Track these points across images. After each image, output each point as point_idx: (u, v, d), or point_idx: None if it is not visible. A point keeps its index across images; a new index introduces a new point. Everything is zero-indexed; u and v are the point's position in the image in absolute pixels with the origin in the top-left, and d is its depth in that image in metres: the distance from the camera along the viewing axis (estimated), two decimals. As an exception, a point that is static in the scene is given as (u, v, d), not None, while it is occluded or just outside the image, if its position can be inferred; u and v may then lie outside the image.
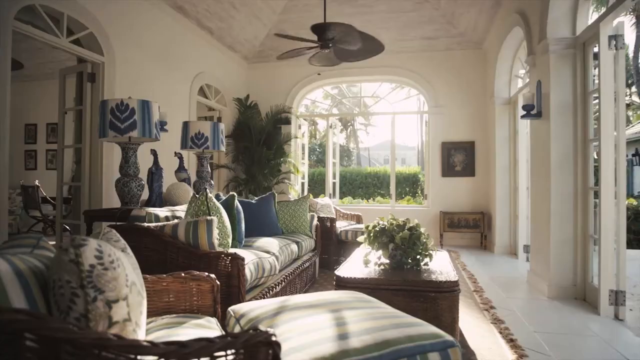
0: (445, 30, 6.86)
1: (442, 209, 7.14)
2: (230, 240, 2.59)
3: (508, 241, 6.31)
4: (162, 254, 2.35)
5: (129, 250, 1.37)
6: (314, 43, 4.87)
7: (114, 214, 2.94)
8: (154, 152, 3.44)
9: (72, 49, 4.17)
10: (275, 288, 2.85)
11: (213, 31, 6.66)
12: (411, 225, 3.10)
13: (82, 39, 4.41)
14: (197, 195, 2.53)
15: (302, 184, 8.63)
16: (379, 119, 33.43)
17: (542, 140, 4.10)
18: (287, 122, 7.87)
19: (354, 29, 4.47)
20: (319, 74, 6.34)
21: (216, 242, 2.36)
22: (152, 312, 1.65)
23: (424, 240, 3.01)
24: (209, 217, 2.35)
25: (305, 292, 3.92)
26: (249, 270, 2.41)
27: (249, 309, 1.69)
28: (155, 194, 3.29)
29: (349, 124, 35.38)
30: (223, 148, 4.11)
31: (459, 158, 7.26)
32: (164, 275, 1.69)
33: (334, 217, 5.15)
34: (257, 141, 7.36)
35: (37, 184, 7.17)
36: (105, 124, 2.90)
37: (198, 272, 1.73)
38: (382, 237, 3.02)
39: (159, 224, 2.41)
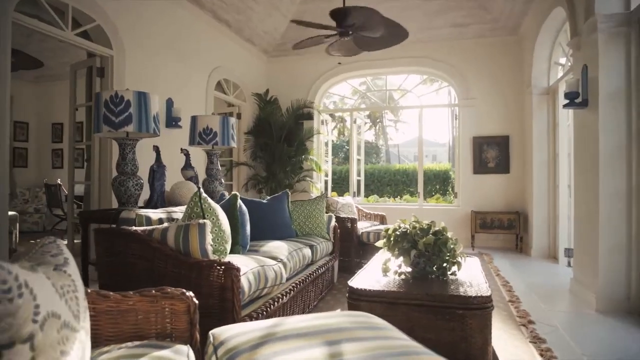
0: (476, 16, 6.36)
1: (474, 208, 6.66)
2: (228, 246, 2.31)
3: (547, 244, 5.79)
4: (149, 262, 2.09)
5: (69, 267, 1.09)
6: (333, 30, 4.55)
7: (110, 215, 2.72)
8: (156, 149, 3.21)
9: (78, 43, 4.02)
10: (282, 299, 2.56)
11: (230, 24, 6.44)
12: (437, 228, 2.74)
13: (91, 32, 4.26)
14: (202, 195, 2.26)
15: (326, 181, 8.33)
16: (408, 115, 32.66)
17: (589, 133, 3.62)
18: (309, 117, 7.58)
19: (377, 13, 4.11)
20: (339, 63, 6.01)
21: (210, 248, 2.08)
22: (117, 337, 1.38)
23: (452, 246, 2.64)
24: (201, 221, 2.08)
25: (322, 299, 3.62)
26: (247, 281, 2.12)
27: (232, 334, 1.39)
28: (157, 194, 3.06)
29: (377, 120, 34.82)
30: (234, 144, 3.86)
31: (491, 154, 6.75)
32: (131, 293, 1.41)
33: (355, 217, 4.81)
34: (278, 137, 7.10)
35: (59, 182, 7.18)
36: (99, 118, 2.69)
37: (172, 289, 1.45)
38: (403, 242, 2.67)
39: (148, 227, 2.16)
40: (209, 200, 2.26)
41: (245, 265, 2.24)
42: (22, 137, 9.39)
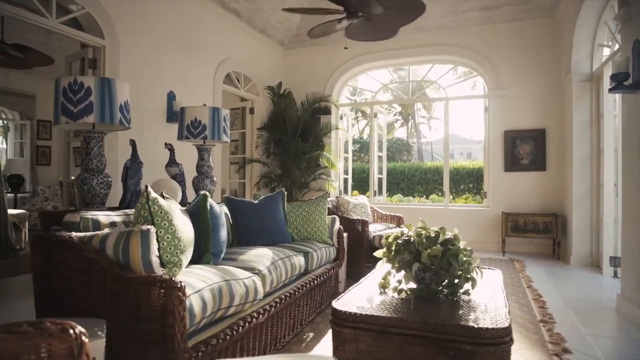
0: (508, -4, 5.74)
1: (505, 210, 6.03)
2: (184, 257, 1.93)
3: (588, 250, 5.11)
4: (87, 276, 1.75)
5: None
6: (340, 14, 4.11)
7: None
8: (132, 143, 2.89)
9: (66, 32, 3.77)
10: (258, 318, 2.16)
11: (240, 13, 6.10)
12: (447, 236, 2.26)
13: (83, 21, 4.02)
14: (150, 195, 1.89)
15: (345, 180, 7.88)
16: (442, 111, 31.71)
17: (641, 121, 3.01)
18: (327, 112, 7.16)
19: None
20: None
21: (155, 260, 1.71)
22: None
23: (465, 259, 2.16)
24: (144, 227, 1.71)
25: (320, 312, 3.19)
26: (199, 302, 1.73)
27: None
28: (131, 193, 2.74)
29: (409, 117, 33.95)
30: (226, 138, 3.49)
31: (525, 149, 6.10)
32: (-7, 329, 1.04)
33: (367, 219, 4.35)
34: (293, 133, 6.72)
35: (73, 179, 7.11)
36: (57, 107, 2.38)
37: (50, 323, 1.07)
38: (404, 253, 2.21)
39: (89, 233, 1.81)
40: (161, 201, 1.89)
41: (203, 280, 1.86)
42: (45, 136, 9.48)
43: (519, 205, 6.05)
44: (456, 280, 2.16)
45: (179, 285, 1.58)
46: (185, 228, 2.00)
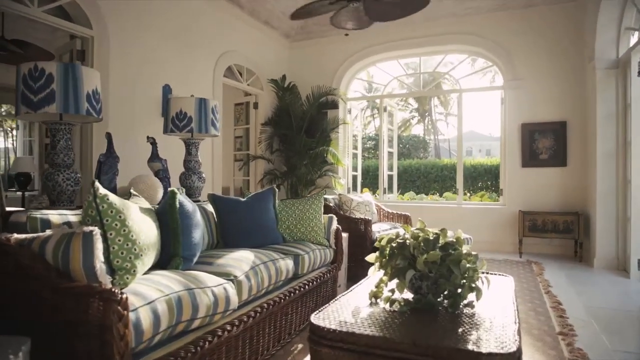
0: (525, -21, 5.36)
1: (522, 208, 5.65)
2: (140, 263, 1.68)
3: (614, 252, 4.71)
4: (24, 284, 1.52)
5: None
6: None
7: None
8: (108, 136, 2.68)
9: (50, 21, 3.59)
10: (230, 331, 1.91)
11: (242, 4, 5.86)
12: (448, 239, 1.97)
13: (70, 10, 3.83)
14: (98, 192, 1.66)
15: (355, 177, 7.59)
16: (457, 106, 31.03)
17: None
18: (334, 106, 6.88)
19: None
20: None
21: (100, 267, 1.47)
22: None
23: (468, 265, 1.86)
24: (87, 229, 1.47)
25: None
26: (150, 315, 1.49)
27: None
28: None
29: (426, 114, 33.36)
30: (215, 132, 3.26)
31: (544, 143, 5.70)
32: None
33: (370, 218, 4.07)
34: (298, 128, 6.47)
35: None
36: (18, 96, 2.18)
37: None
38: (398, 258, 1.92)
39: (31, 235, 1.59)
40: (112, 198, 1.66)
41: (160, 289, 1.61)
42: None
43: (538, 204, 5.66)
44: (459, 290, 1.87)
45: (118, 297, 1.34)
46: (143, 229, 1.76)
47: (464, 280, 1.88)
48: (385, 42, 6.62)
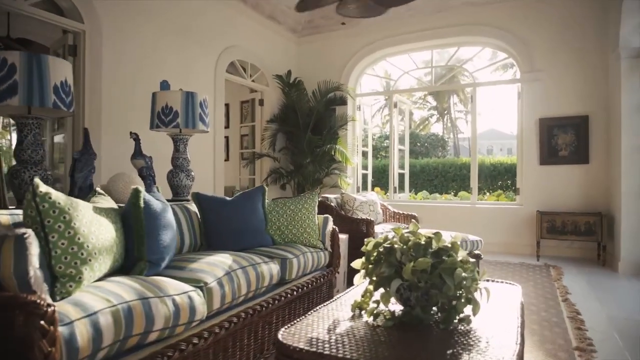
0: (543, -37, 5.02)
1: (540, 208, 5.32)
2: (87, 269, 1.50)
3: (641, 256, 4.35)
4: (-46, 293, 1.36)
5: None
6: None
7: None
8: (85, 132, 2.54)
9: (37, 14, 3.48)
10: (196, 344, 1.71)
11: (245, -2, 5.71)
12: (444, 244, 1.73)
13: (61, 3, 3.73)
14: (38, 190, 1.49)
15: (364, 176, 7.35)
16: (481, 105, 30.62)
17: None
18: (343, 102, 6.65)
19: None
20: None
21: (34, 274, 1.30)
22: None
23: (464, 274, 1.62)
24: (19, 231, 1.30)
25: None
26: (88, 330, 1.31)
27: None
28: (79, 188, 2.38)
29: (445, 112, 32.78)
30: (204, 127, 3.08)
31: (565, 139, 5.35)
32: None
33: (372, 219, 3.83)
34: (305, 125, 6.27)
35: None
36: (-21, 89, 2.04)
37: None
38: (383, 266, 1.70)
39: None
40: (55, 197, 1.48)
41: (108, 299, 1.43)
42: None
43: (557, 203, 5.32)
44: (453, 302, 1.63)
45: (42, 310, 1.16)
46: (94, 231, 1.58)
47: (462, 291, 1.65)
48: (396, 35, 6.36)
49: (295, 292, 2.52)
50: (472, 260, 1.73)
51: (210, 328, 1.84)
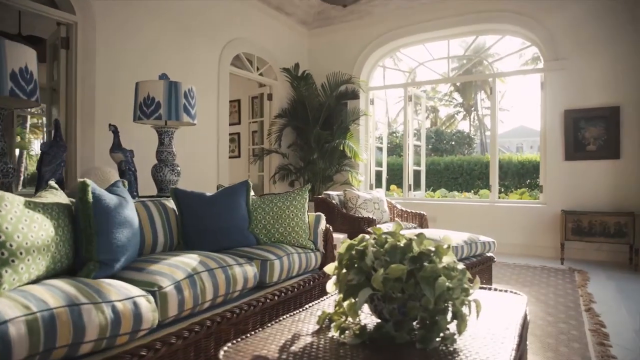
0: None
1: (565, 207, 4.91)
2: (6, 271, 1.32)
3: (679, 261, 3.91)
4: None
5: None
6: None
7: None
8: (55, 123, 2.39)
9: (26, 6, 3.38)
10: (142, 356, 1.52)
11: (250, -12, 5.52)
12: (426, 248, 1.47)
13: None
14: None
15: (378, 172, 7.06)
16: (510, 101, 29.56)
17: None
18: (355, 96, 6.38)
19: None
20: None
21: None
22: None
23: (449, 284, 1.36)
24: None
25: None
26: (-11, 344, 1.12)
27: None
28: (46, 182, 2.24)
29: (472, 109, 31.92)
30: (190, 119, 2.90)
31: (592, 132, 4.91)
32: None
33: (374, 218, 3.57)
34: (315, 120, 6.04)
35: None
36: None
37: None
38: (351, 272, 1.45)
39: None
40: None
41: (27, 305, 1.25)
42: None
43: (583, 202, 4.89)
44: (437, 317, 1.36)
45: None
46: (23, 228, 1.40)
47: (448, 304, 1.38)
48: (410, 25, 6.04)
49: (276, 297, 2.29)
50: (460, 267, 1.46)
51: (164, 337, 1.64)
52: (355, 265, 1.45)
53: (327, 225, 2.91)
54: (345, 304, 1.47)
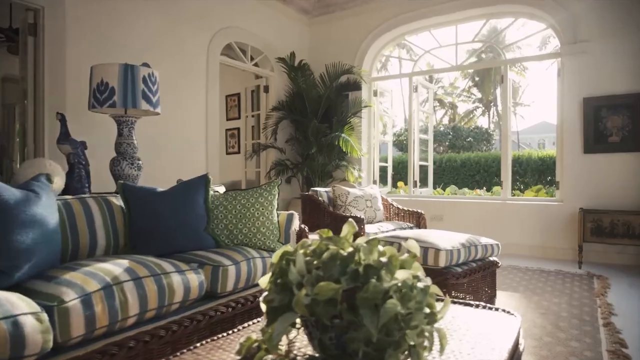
0: None
1: (584, 205, 4.45)
2: None
3: None
4: None
5: None
6: None
7: None
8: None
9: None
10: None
11: (242, -27, 5.21)
12: (375, 259, 1.11)
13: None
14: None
15: (383, 168, 6.69)
16: (527, 97, 28.68)
17: None
18: (357, 87, 6.01)
19: None
20: None
21: None
22: None
23: (400, 309, 1.01)
24: None
25: None
26: None
27: None
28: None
29: (491, 104, 31.08)
30: (150, 107, 2.62)
31: (615, 122, 4.43)
32: None
33: (362, 217, 3.22)
34: (313, 112, 5.71)
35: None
36: None
37: None
38: (272, 290, 1.12)
39: None
40: None
41: None
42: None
43: (605, 200, 4.42)
44: (386, 354, 1.02)
45: None
46: None
47: (404, 334, 1.04)
48: (414, 10, 5.64)
49: (229, 309, 1.98)
50: (423, 284, 1.11)
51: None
52: (278, 281, 1.12)
53: (302, 226, 2.58)
54: (270, 330, 1.13)
